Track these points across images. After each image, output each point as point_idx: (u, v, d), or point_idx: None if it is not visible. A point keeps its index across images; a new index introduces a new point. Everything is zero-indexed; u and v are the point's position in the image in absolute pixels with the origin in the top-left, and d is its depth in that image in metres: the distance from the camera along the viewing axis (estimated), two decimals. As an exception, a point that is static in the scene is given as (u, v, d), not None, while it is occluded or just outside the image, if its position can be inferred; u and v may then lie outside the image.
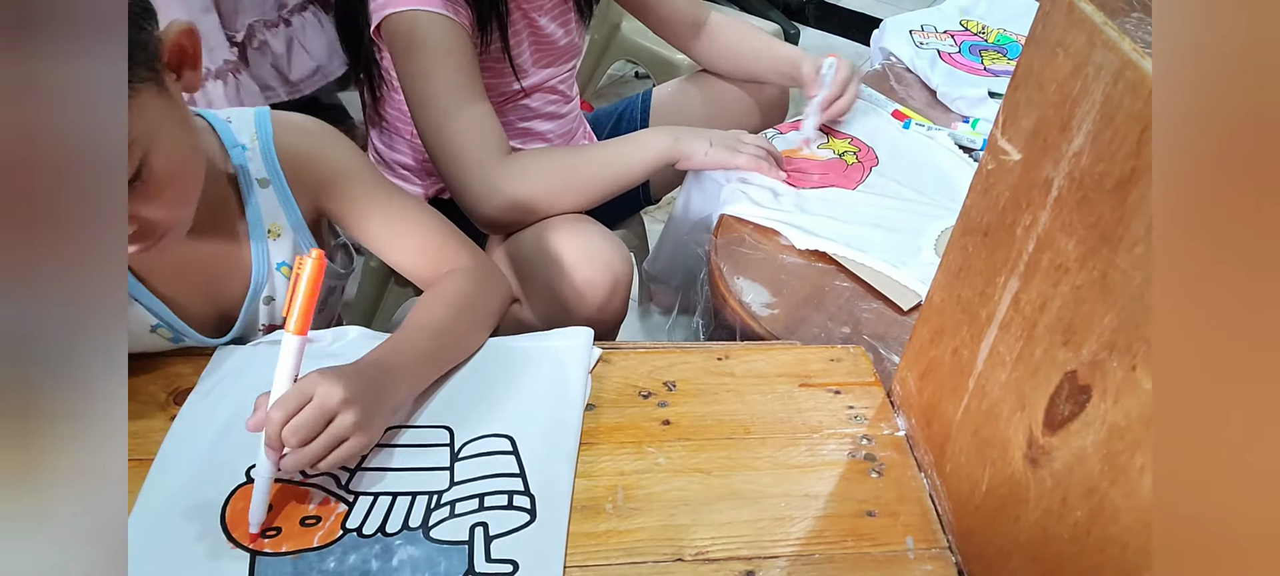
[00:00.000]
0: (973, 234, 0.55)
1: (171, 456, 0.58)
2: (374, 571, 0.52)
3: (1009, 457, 0.51)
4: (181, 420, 0.60)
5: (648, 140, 0.89)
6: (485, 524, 0.54)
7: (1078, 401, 0.44)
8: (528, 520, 0.55)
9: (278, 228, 0.66)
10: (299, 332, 0.53)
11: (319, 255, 0.53)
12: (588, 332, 0.69)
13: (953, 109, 1.17)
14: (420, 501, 0.56)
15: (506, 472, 0.58)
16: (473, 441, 0.60)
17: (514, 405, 0.63)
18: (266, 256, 0.67)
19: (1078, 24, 0.44)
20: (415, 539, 0.54)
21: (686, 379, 0.69)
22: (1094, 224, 0.43)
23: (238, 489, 0.56)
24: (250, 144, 0.65)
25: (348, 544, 0.53)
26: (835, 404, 0.67)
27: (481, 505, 0.56)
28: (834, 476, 0.61)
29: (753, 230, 0.89)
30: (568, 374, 0.66)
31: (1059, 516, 0.46)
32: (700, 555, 0.55)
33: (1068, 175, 0.45)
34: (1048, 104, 0.47)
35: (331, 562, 0.52)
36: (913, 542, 0.57)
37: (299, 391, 0.53)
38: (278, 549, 0.53)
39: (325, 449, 0.53)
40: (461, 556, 0.53)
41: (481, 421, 0.62)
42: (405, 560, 0.52)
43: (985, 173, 0.54)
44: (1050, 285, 0.47)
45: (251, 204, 0.65)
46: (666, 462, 0.61)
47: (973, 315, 0.55)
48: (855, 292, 0.82)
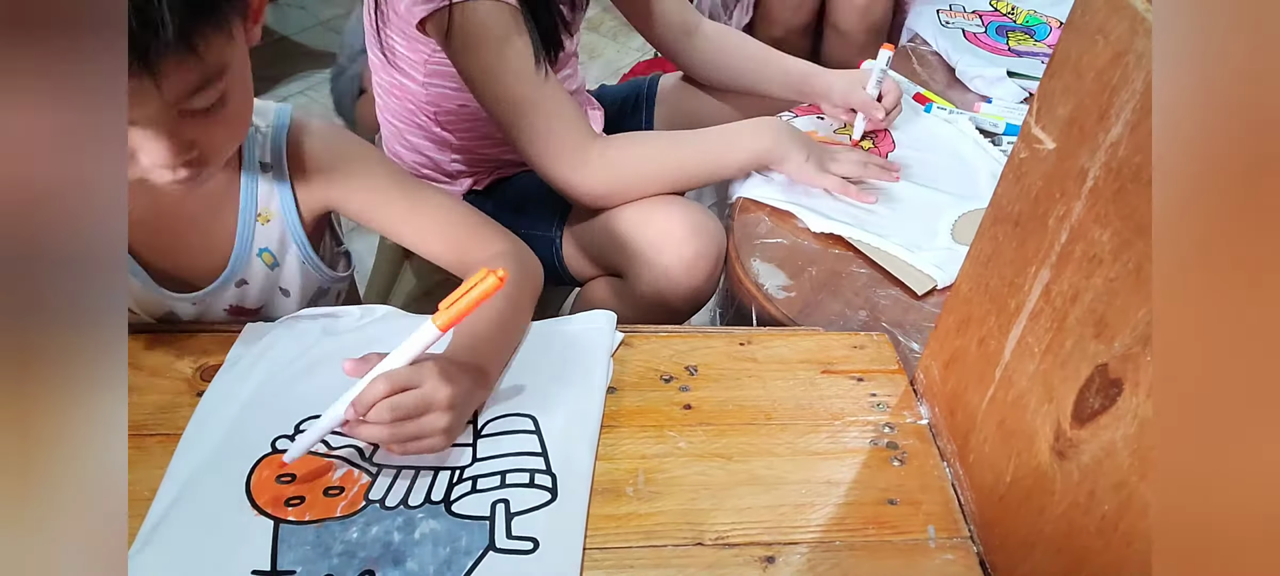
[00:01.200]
0: (1003, 223, 0.54)
1: (200, 428, 0.58)
2: (397, 543, 0.52)
3: (1035, 449, 0.50)
4: (210, 393, 0.61)
5: (747, 140, 0.88)
6: (507, 500, 0.55)
7: (1108, 395, 0.43)
8: (549, 498, 0.55)
9: (268, 214, 0.65)
10: (442, 328, 0.52)
11: (504, 276, 0.51)
12: (611, 316, 0.69)
13: (971, 88, 1.15)
14: (443, 476, 0.56)
15: (529, 451, 0.58)
16: (495, 419, 0.61)
17: (537, 386, 0.63)
18: (250, 240, 0.66)
19: (1119, 11, 0.43)
20: (437, 513, 0.54)
21: (708, 363, 0.68)
22: (1130, 215, 0.42)
23: (263, 459, 0.57)
24: (263, 127, 0.64)
25: (371, 515, 0.54)
26: (858, 391, 0.67)
27: (503, 482, 0.56)
28: (856, 464, 0.61)
29: (769, 213, 0.88)
30: (591, 357, 0.66)
31: (1086, 509, 0.45)
32: (720, 540, 0.55)
33: (1104, 165, 0.44)
34: (1085, 92, 0.46)
35: (354, 532, 0.53)
36: (934, 531, 0.57)
37: (411, 374, 0.53)
38: (301, 517, 0.53)
39: (411, 436, 0.54)
40: (483, 531, 0.53)
41: (504, 400, 0.62)
42: (427, 533, 0.53)
43: (1017, 161, 0.53)
44: (1083, 276, 0.46)
45: (247, 186, 0.64)
46: (687, 447, 0.61)
47: (1001, 305, 0.54)
48: (872, 278, 0.81)
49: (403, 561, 0.51)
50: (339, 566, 0.51)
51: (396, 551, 0.52)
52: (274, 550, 0.51)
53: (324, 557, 0.51)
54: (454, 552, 0.52)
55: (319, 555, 0.51)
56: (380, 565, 0.51)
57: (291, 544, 0.52)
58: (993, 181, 0.92)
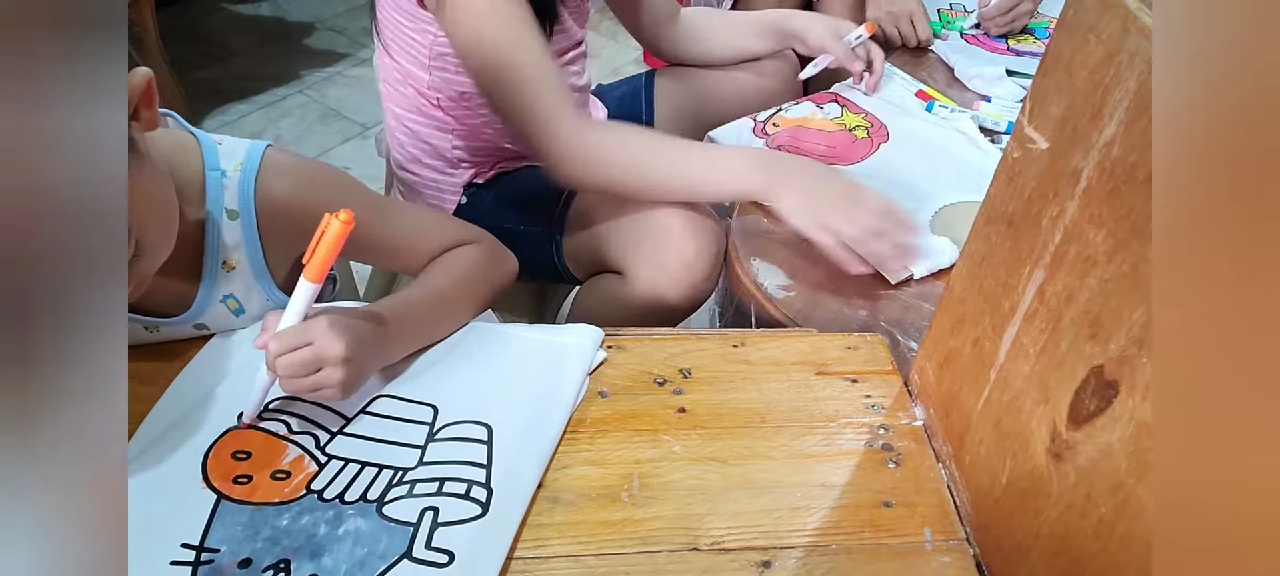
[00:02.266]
0: (996, 223, 0.54)
1: (179, 390, 0.61)
2: (320, 537, 0.53)
3: (1031, 451, 0.50)
4: (197, 360, 0.63)
5: (738, 174, 0.81)
6: (437, 509, 0.54)
7: (1104, 396, 0.43)
8: (479, 513, 0.54)
9: (234, 261, 0.63)
10: (314, 281, 0.56)
11: (349, 217, 0.54)
12: (597, 334, 0.69)
13: (970, 87, 1.15)
14: (385, 475, 0.57)
15: (473, 461, 0.58)
16: (452, 424, 0.60)
17: (501, 394, 0.63)
18: (213, 287, 0.63)
19: (1111, 9, 0.43)
20: (367, 512, 0.54)
21: (701, 366, 0.68)
22: (1125, 216, 0.42)
23: (228, 432, 0.58)
24: (231, 172, 0.61)
25: (307, 504, 0.55)
26: (852, 392, 0.67)
27: (439, 490, 0.56)
28: (851, 466, 0.61)
29: (769, 212, 0.88)
30: (566, 372, 0.65)
31: (1082, 512, 0.45)
32: (716, 544, 0.55)
33: (1098, 165, 0.44)
34: (1078, 91, 0.45)
35: (285, 520, 0.54)
36: (930, 534, 0.57)
37: (301, 332, 0.56)
38: (248, 497, 0.55)
39: (306, 391, 0.57)
40: (404, 538, 0.53)
41: (466, 405, 0.62)
42: (350, 531, 0.53)
43: (1010, 160, 0.52)
44: (1077, 277, 0.46)
45: (211, 233, 0.62)
46: (682, 451, 0.61)
47: (995, 305, 0.54)
48: (873, 278, 0.81)
49: (319, 556, 0.51)
50: (260, 551, 0.51)
51: (316, 545, 0.52)
52: (208, 525, 0.53)
53: (250, 540, 0.52)
54: (370, 555, 0.52)
55: (247, 537, 0.52)
56: (297, 556, 0.51)
57: (226, 522, 0.53)
58: (984, 177, 0.92)
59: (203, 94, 2.09)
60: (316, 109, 2.12)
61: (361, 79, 2.22)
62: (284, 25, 2.50)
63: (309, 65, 2.28)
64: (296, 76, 2.23)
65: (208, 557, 0.51)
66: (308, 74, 2.24)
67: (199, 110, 2.03)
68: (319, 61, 2.31)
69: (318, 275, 0.55)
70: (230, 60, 2.29)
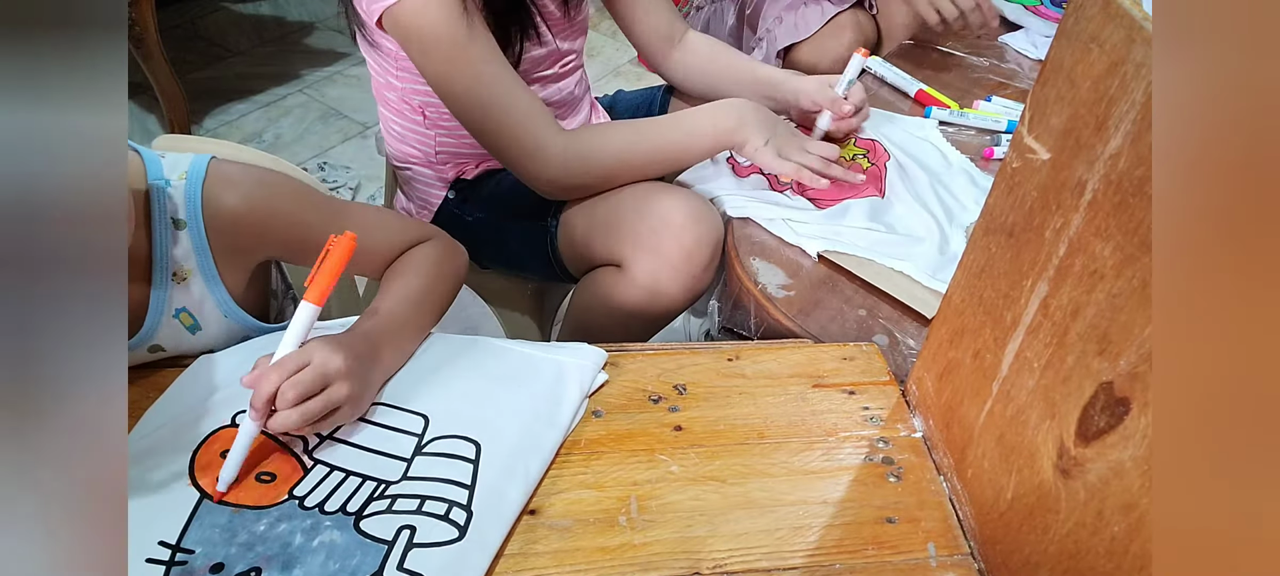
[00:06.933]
0: (996, 233, 0.53)
1: (178, 390, 0.60)
2: (294, 547, 0.51)
3: (1037, 466, 0.49)
4: (199, 361, 0.62)
5: (711, 122, 0.87)
6: (414, 528, 0.53)
7: (1115, 414, 0.42)
8: (456, 537, 0.53)
9: (184, 273, 0.61)
10: (316, 302, 0.55)
11: (351, 238, 0.55)
12: (599, 355, 0.67)
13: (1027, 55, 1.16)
14: (367, 487, 0.55)
15: (457, 481, 0.56)
16: (441, 438, 0.59)
17: (494, 410, 0.61)
18: (165, 302, 0.61)
19: (1115, 18, 0.42)
20: (344, 525, 0.53)
21: (697, 381, 0.67)
22: (1133, 230, 0.41)
23: (218, 431, 0.57)
24: (175, 181, 0.59)
25: (286, 511, 0.53)
26: (850, 405, 0.66)
27: (419, 508, 0.54)
28: (851, 481, 0.60)
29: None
30: (564, 394, 0.63)
31: (1094, 530, 0.44)
32: (718, 567, 0.54)
33: (1103, 177, 0.43)
34: (1081, 102, 0.45)
35: (262, 526, 0.52)
36: (934, 549, 0.56)
37: (299, 356, 0.55)
38: (229, 500, 0.54)
39: (320, 411, 0.54)
40: (377, 556, 0.51)
41: (457, 420, 0.60)
42: (324, 543, 0.52)
43: (1010, 170, 0.52)
44: (1084, 291, 0.45)
45: (159, 244, 0.59)
46: (680, 470, 0.60)
47: (996, 317, 0.53)
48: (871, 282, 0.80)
49: (291, 567, 0.50)
50: (233, 557, 0.50)
51: (290, 555, 0.51)
52: (187, 525, 0.52)
53: (226, 544, 0.51)
54: (341, 570, 0.50)
55: (223, 540, 0.51)
56: (269, 566, 0.50)
57: (204, 524, 0.52)
58: (972, 189, 0.92)
59: (203, 94, 2.06)
60: (316, 108, 2.09)
61: (361, 78, 2.20)
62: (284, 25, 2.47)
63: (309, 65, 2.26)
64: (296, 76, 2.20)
65: (182, 558, 0.50)
66: (307, 73, 2.22)
67: (199, 110, 1.99)
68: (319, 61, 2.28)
69: (320, 297, 0.55)
70: (230, 60, 2.26)
